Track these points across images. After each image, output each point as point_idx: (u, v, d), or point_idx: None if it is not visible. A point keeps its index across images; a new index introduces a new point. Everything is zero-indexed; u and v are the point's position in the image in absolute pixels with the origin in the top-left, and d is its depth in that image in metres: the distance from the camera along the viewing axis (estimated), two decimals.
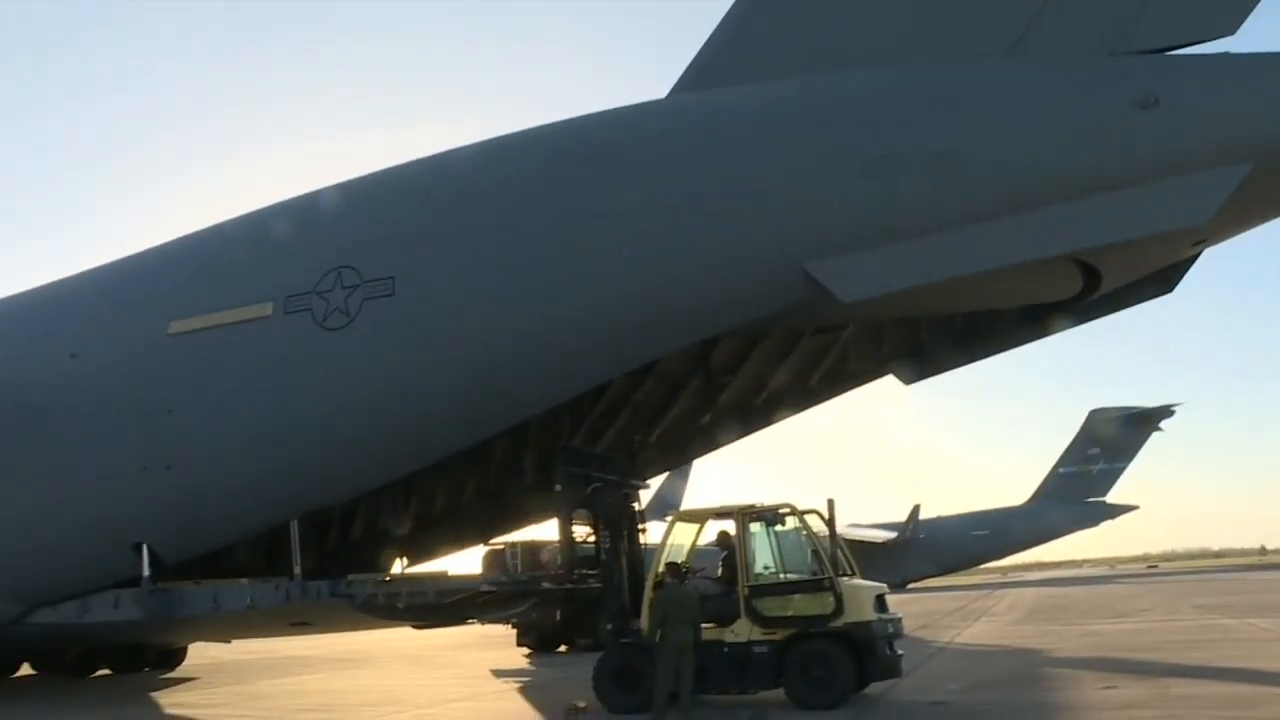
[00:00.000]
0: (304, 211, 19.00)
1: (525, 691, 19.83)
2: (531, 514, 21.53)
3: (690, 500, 53.97)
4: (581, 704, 15.39)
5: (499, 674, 23.18)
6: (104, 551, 18.78)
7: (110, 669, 25.52)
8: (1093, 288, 15.95)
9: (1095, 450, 75.60)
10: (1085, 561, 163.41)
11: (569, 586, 17.94)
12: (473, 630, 31.73)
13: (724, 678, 15.20)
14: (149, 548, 18.42)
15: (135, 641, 24.29)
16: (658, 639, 14.43)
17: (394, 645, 32.68)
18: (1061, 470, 77.67)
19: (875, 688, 15.43)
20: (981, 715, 14.08)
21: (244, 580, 18.56)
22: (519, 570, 17.80)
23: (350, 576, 17.78)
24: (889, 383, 19.34)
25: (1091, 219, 14.33)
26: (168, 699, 20.08)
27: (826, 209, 15.35)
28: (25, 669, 26.62)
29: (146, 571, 18.36)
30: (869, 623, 14.80)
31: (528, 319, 16.64)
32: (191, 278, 19.21)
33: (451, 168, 18.19)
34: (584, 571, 17.56)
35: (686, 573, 15.52)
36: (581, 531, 17.71)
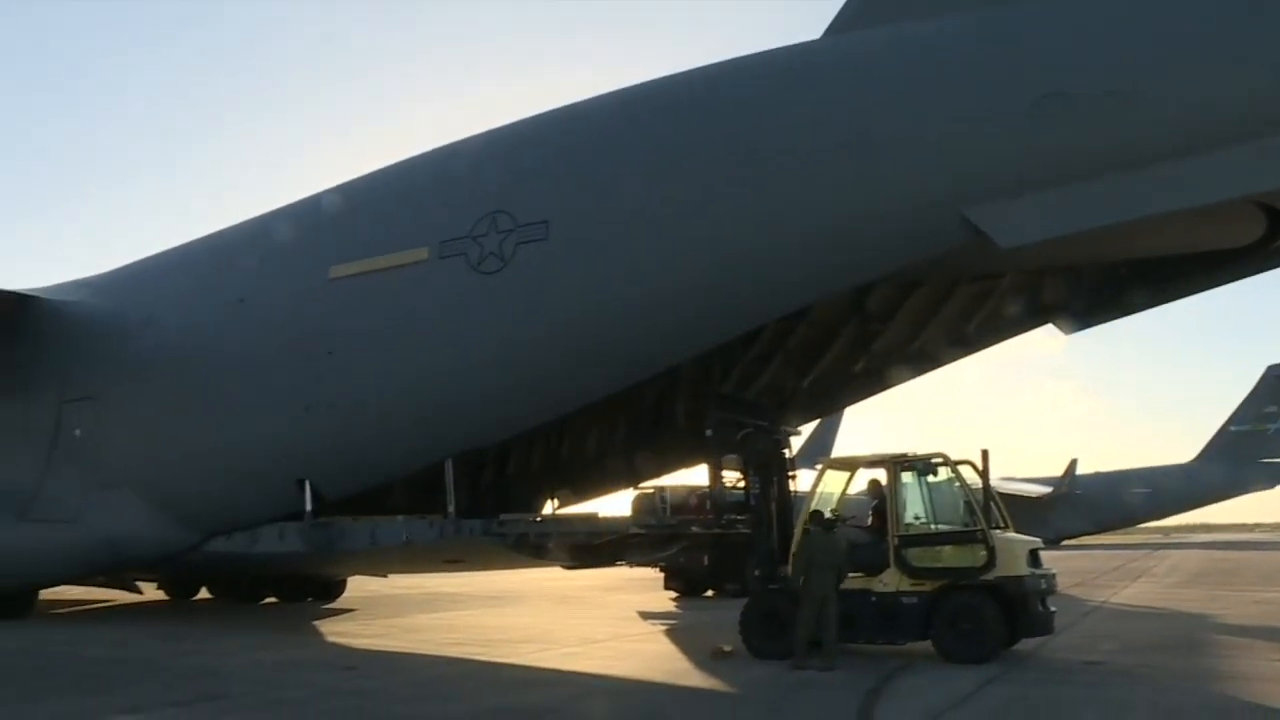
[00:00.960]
0: (459, 157, 19.26)
1: (671, 634, 20.02)
2: (681, 459, 21.55)
3: (841, 448, 53.41)
4: (727, 648, 15.46)
5: (646, 616, 23.42)
6: (271, 486, 19.62)
7: (276, 597, 26.70)
8: (1277, 233, 15.11)
9: (1273, 408, 71.73)
10: (1257, 526, 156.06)
11: (718, 531, 18.00)
12: (620, 572, 32.17)
13: (871, 628, 15.07)
14: (311, 484, 19.16)
15: (299, 572, 25.33)
16: (801, 586, 14.43)
17: (543, 585, 33.32)
18: (1233, 428, 73.65)
19: (1026, 644, 15.10)
20: (1139, 678, 13.62)
21: (400, 517, 19.16)
22: (668, 514, 17.90)
23: (503, 516, 18.19)
24: (1048, 331, 18.80)
25: (1277, 159, 13.52)
26: (328, 627, 20.86)
27: (988, 150, 14.85)
28: (203, 593, 28.14)
29: (309, 506, 19.13)
30: (1021, 577, 14.48)
31: (681, 263, 16.60)
32: (351, 224, 19.71)
33: (605, 111, 18.19)
34: (733, 517, 17.57)
35: (835, 521, 15.41)
36: (731, 477, 17.72)
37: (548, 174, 17.78)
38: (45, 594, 24.31)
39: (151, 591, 27.70)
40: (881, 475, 15.53)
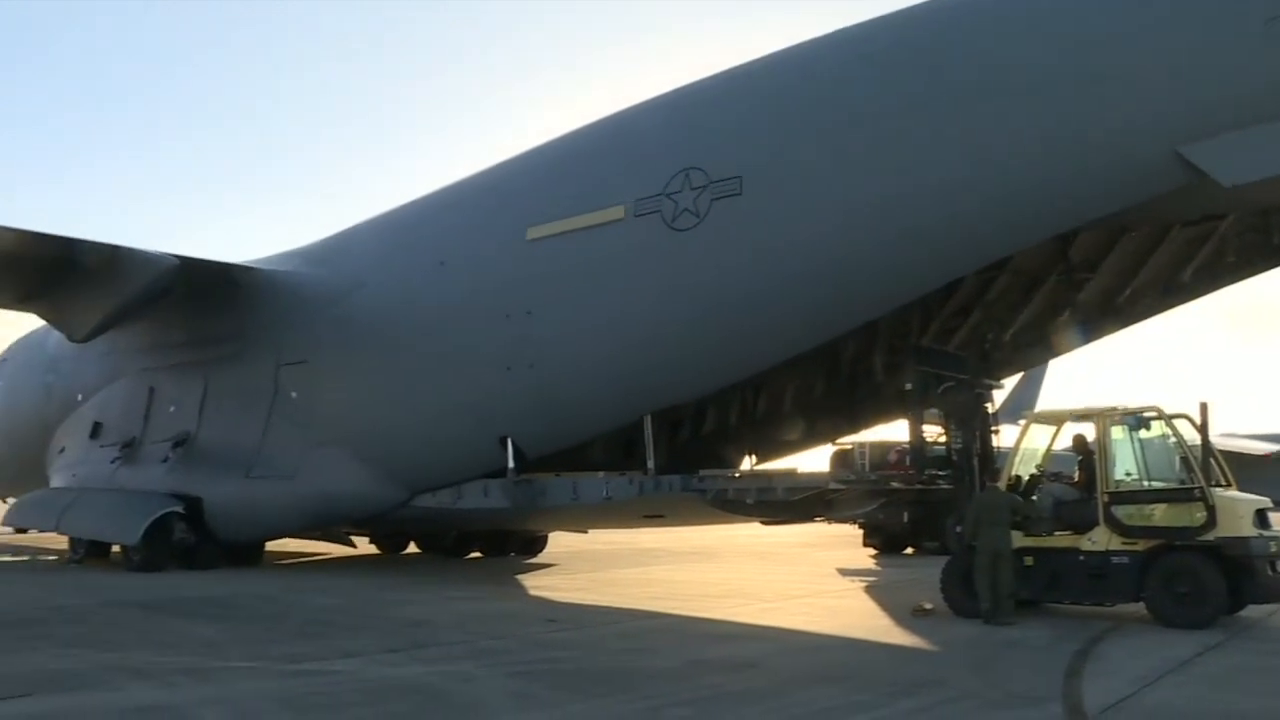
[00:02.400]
0: (651, 115, 19.29)
1: (871, 590, 19.80)
2: (880, 414, 21.24)
3: (1044, 402, 51.56)
4: (928, 605, 15.24)
5: (844, 572, 23.26)
6: (474, 444, 20.23)
7: (481, 552, 27.54)
8: None
9: None
10: None
11: (919, 487, 17.69)
12: (818, 529, 31.94)
13: (1079, 588, 14.62)
14: (513, 441, 19.68)
15: (502, 528, 26.10)
16: (972, 542, 14.30)
17: (739, 541, 33.39)
18: None
19: (1253, 611, 14.34)
20: None
21: (600, 474, 19.50)
22: (867, 470, 17.68)
23: (702, 472, 18.27)
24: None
25: None
26: (531, 581, 21.42)
27: (1211, 81, 13.97)
28: (411, 547, 29.32)
29: (511, 464, 19.66)
30: (1246, 539, 13.71)
31: (879, 215, 16.27)
32: (547, 185, 19.99)
33: (797, 62, 17.89)
34: (934, 472, 17.23)
35: (1040, 477, 14.98)
36: (932, 432, 17.37)
37: (741, 128, 17.62)
38: (270, 546, 25.83)
39: (364, 546, 29.04)
40: (1089, 430, 14.98)
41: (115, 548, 25.19)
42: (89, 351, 28.70)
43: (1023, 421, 16.66)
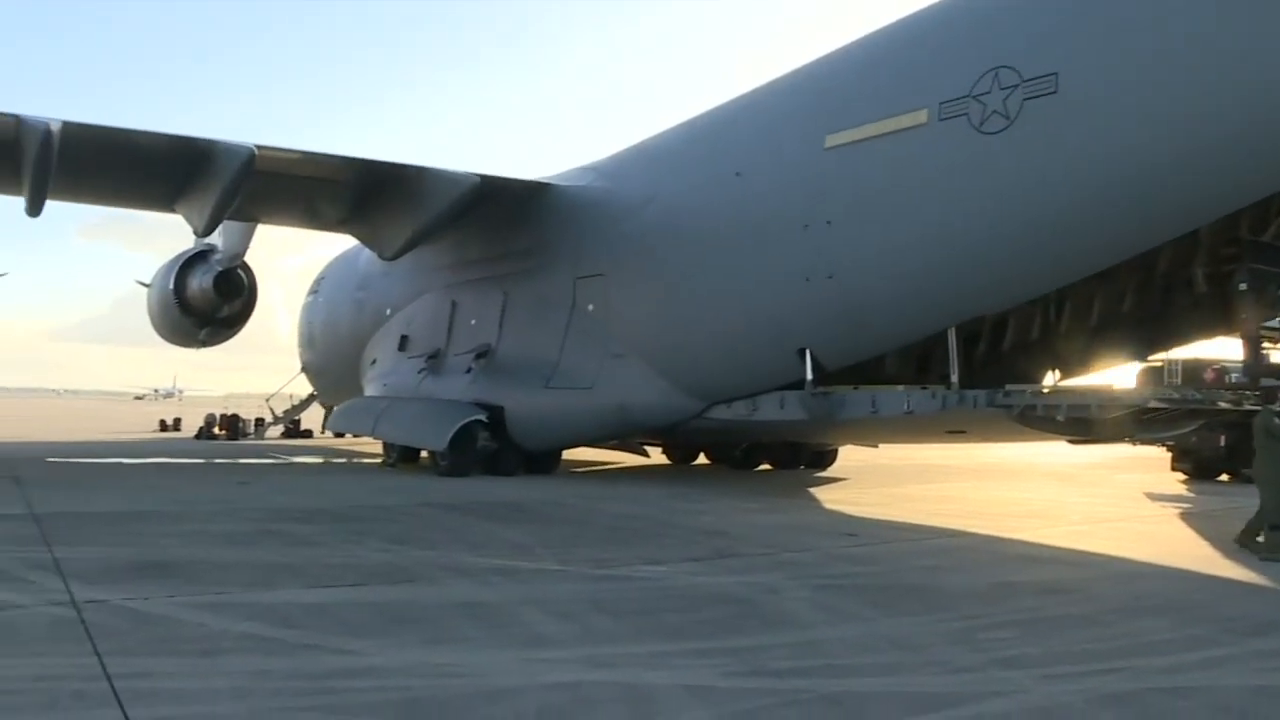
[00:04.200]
0: (955, 12, 18.24)
1: (1186, 518, 18.55)
2: (1197, 329, 19.70)
3: None
4: (1259, 537, 14.05)
5: (1153, 498, 21.97)
6: (771, 356, 20.09)
7: (771, 464, 27.61)
8: None
9: None
10: None
11: (1246, 409, 16.28)
12: (1120, 451, 30.35)
13: None
14: (812, 353, 19.39)
15: (793, 441, 25.99)
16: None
17: (1036, 460, 32.08)
18: None
19: None
20: None
21: (900, 387, 18.96)
22: (1180, 387, 16.38)
23: (1008, 386, 17.47)
24: None
25: None
26: (824, 495, 21.21)
27: None
28: (701, 459, 29.69)
29: (809, 376, 19.40)
30: None
31: (1206, 116, 14.82)
32: (845, 91, 19.29)
33: None
34: (1274, 383, 15.76)
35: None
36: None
37: (1055, 23, 16.38)
38: (565, 455, 26.67)
39: (655, 456, 29.61)
40: None
41: (423, 453, 26.63)
42: (395, 269, 30.36)
43: None
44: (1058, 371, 20.96)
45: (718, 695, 6.67)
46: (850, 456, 28.98)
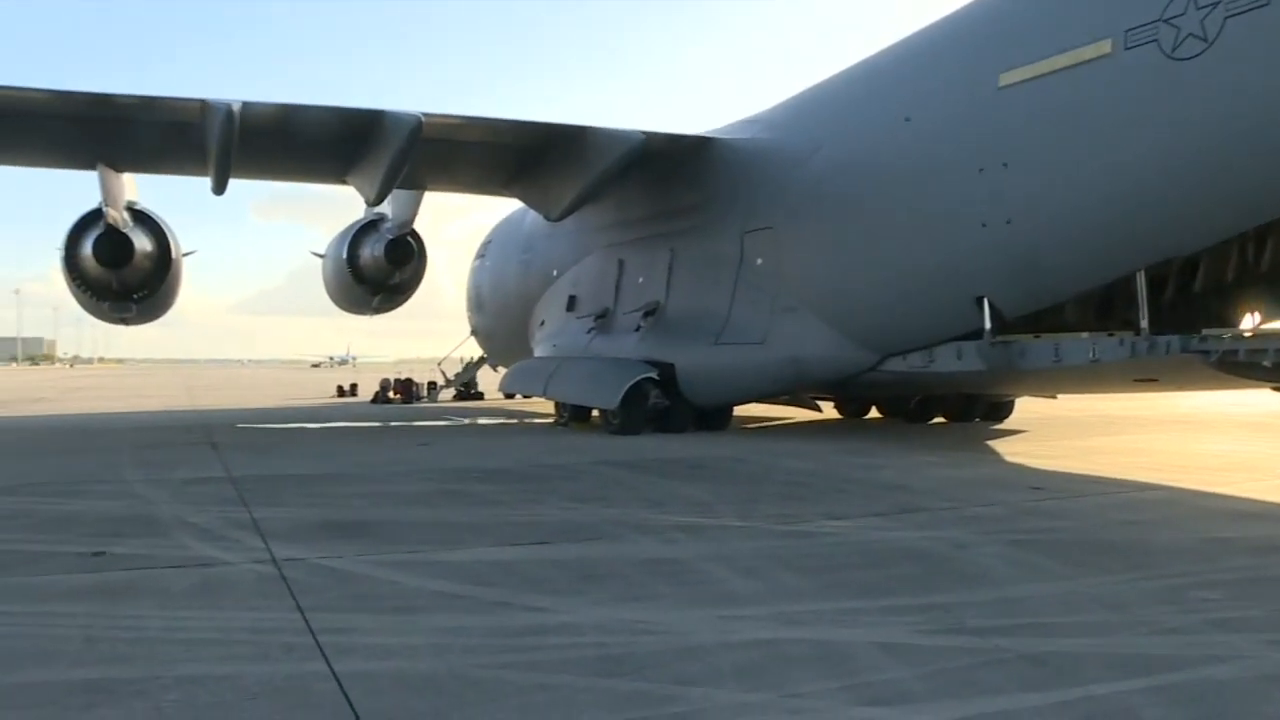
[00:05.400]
0: None
1: None
2: None
3: None
4: None
5: None
6: (947, 306, 19.52)
7: (945, 417, 26.96)
8: None
9: None
10: None
11: None
12: None
13: None
14: (989, 302, 18.78)
15: (969, 392, 25.30)
16: None
17: (1230, 411, 30.52)
18: None
19: None
20: None
21: (1085, 334, 18.19)
22: None
23: (1204, 331, 16.56)
24: None
25: None
26: (1003, 448, 20.56)
27: None
28: (873, 413, 29.21)
29: (987, 325, 18.79)
30: None
31: None
32: (1020, 25, 18.46)
33: None
34: None
35: None
36: None
37: None
38: (735, 412, 26.55)
39: (827, 410, 29.26)
40: None
41: (595, 412, 26.88)
42: (560, 230, 30.62)
43: None
44: (1257, 314, 19.82)
45: (915, 653, 6.49)
46: (1027, 408, 28.09)
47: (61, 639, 6.89)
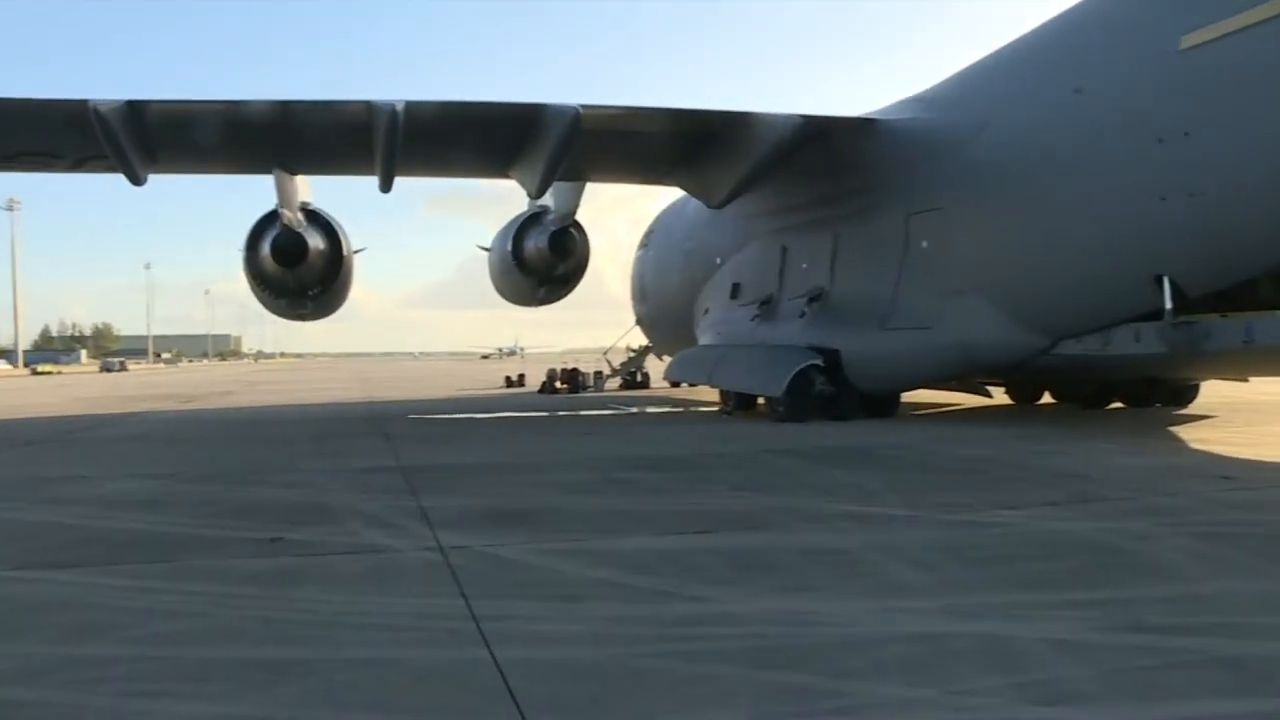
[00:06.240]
0: None
1: None
2: None
3: None
4: None
5: None
6: (1124, 285, 18.70)
7: (1122, 402, 25.87)
8: None
9: None
10: None
11: None
12: None
13: None
14: (1171, 280, 17.89)
15: (1149, 376, 24.20)
16: None
17: None
18: None
19: None
20: None
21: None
22: None
23: None
24: None
25: None
26: (1188, 434, 19.57)
27: None
28: (1045, 398, 28.26)
29: (1168, 305, 17.92)
30: None
31: None
32: None
33: None
34: None
35: None
36: None
37: None
38: (903, 398, 26.05)
39: (997, 396, 28.42)
40: None
41: (760, 399, 26.71)
42: (722, 217, 30.52)
43: None
44: None
45: (1091, 651, 6.16)
46: (1213, 392, 26.73)
47: (241, 620, 7.18)
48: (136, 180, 23.54)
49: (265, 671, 6.00)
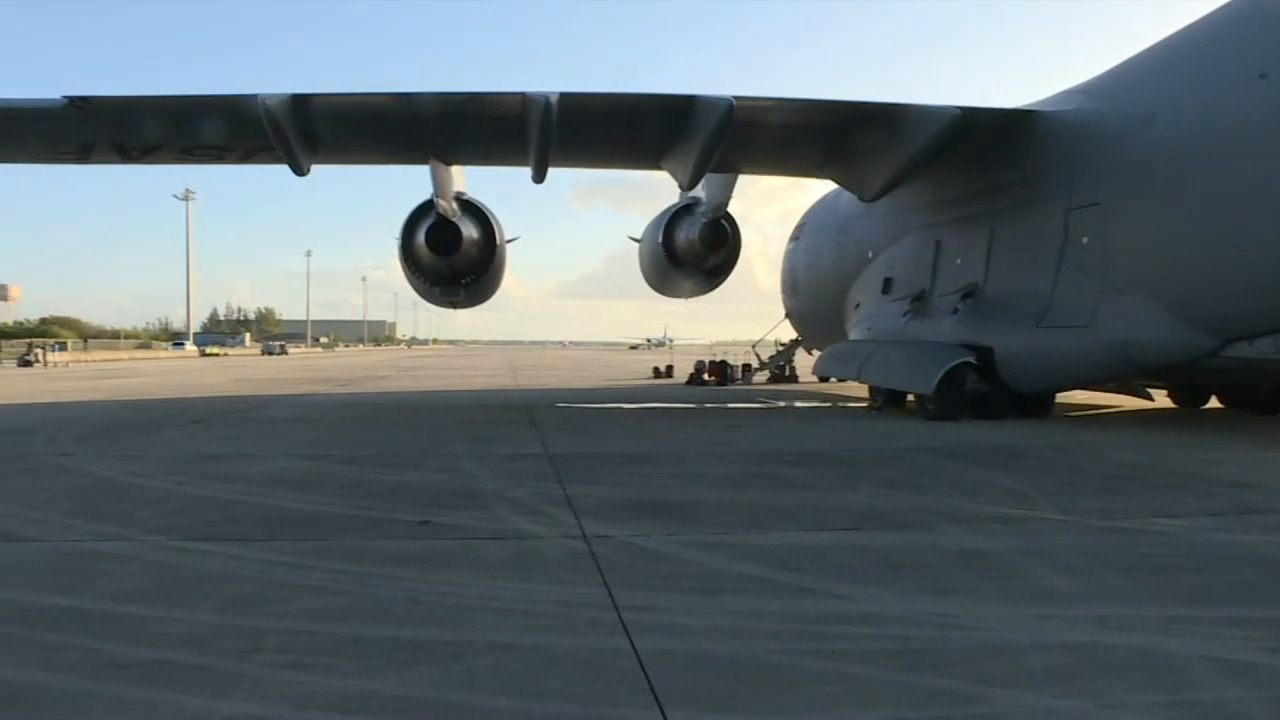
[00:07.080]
0: None
1: None
2: None
3: None
4: None
5: None
6: None
7: None
8: None
9: None
10: None
11: None
12: None
13: None
14: None
15: None
16: None
17: None
18: None
19: None
20: None
21: None
22: None
23: None
24: None
25: None
26: None
27: None
28: (1213, 402, 27.09)
29: None
30: None
31: None
32: None
33: None
34: None
35: None
36: None
37: None
38: (1058, 398, 25.28)
39: (1159, 399, 27.38)
40: None
41: (910, 396, 26.28)
42: (875, 211, 30.10)
43: None
44: None
45: (1256, 673, 5.87)
46: None
47: (388, 600, 7.39)
48: (300, 170, 24.39)
49: (409, 651, 6.17)
